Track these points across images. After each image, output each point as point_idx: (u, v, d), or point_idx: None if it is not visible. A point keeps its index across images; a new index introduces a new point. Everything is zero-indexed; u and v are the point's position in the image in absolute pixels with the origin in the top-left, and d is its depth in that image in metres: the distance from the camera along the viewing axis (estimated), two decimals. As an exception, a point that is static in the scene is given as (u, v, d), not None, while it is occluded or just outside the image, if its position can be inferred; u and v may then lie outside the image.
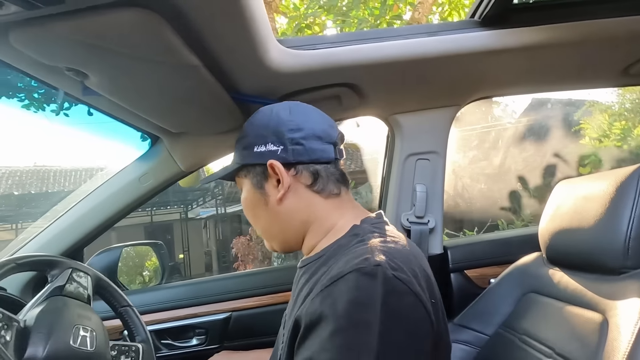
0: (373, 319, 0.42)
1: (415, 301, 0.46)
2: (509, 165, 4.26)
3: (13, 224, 8.18)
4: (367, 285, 0.44)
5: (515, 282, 0.85)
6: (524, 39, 0.84)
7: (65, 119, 1.06)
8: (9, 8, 0.42)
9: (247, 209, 0.67)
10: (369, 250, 0.49)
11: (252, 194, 0.64)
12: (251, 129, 0.64)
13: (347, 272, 0.46)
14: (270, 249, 0.70)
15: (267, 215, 0.64)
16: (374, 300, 0.43)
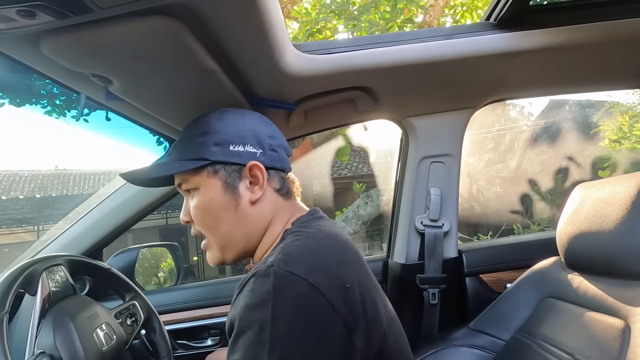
0: (264, 317, 0.45)
1: (312, 291, 0.47)
2: (525, 168, 4.18)
3: (35, 226, 8.43)
4: (259, 286, 0.47)
5: (532, 287, 0.83)
6: (541, 41, 0.83)
7: (85, 124, 1.10)
8: (42, 18, 0.44)
9: (210, 211, 0.61)
10: (274, 252, 0.53)
11: (221, 195, 0.60)
12: (224, 126, 0.62)
13: (248, 279, 0.50)
14: (215, 262, 0.64)
15: (234, 218, 0.61)
16: (265, 299, 0.46)
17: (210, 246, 0.64)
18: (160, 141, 1.15)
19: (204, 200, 0.61)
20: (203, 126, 0.64)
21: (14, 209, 8.33)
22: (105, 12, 0.46)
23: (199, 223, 0.62)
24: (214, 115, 0.65)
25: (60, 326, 0.65)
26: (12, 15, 0.43)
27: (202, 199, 0.61)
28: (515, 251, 1.14)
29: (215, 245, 0.62)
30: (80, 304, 0.74)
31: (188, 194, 0.64)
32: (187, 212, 0.63)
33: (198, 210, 0.61)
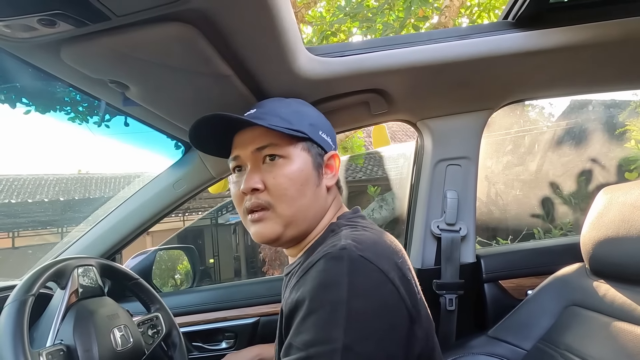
0: (339, 297, 0.45)
1: (382, 277, 0.48)
2: (547, 170, 4.06)
3: (59, 228, 8.73)
4: (332, 266, 0.48)
5: (555, 294, 0.80)
6: (561, 39, 0.80)
7: (106, 129, 1.13)
8: (62, 26, 0.46)
9: (297, 181, 0.60)
10: (337, 238, 0.54)
11: (310, 170, 0.62)
12: (312, 112, 0.68)
13: (317, 260, 0.50)
14: (270, 237, 0.61)
15: (313, 196, 0.61)
16: (339, 280, 0.46)
17: (271, 218, 0.60)
18: (178, 145, 1.17)
19: (294, 169, 0.60)
20: (295, 105, 0.67)
21: (39, 211, 8.65)
22: (122, 20, 0.47)
23: (279, 191, 0.59)
24: (295, 100, 0.68)
25: (81, 320, 0.68)
26: (33, 24, 0.45)
27: (293, 167, 0.60)
28: (536, 257, 1.10)
29: (283, 218, 0.60)
30: (103, 303, 0.76)
31: (268, 161, 0.61)
32: (259, 180, 0.59)
33: (285, 178, 0.59)
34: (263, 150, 0.61)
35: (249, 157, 0.62)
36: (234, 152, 0.64)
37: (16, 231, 8.62)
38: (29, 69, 0.71)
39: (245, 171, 0.62)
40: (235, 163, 0.64)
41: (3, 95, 0.96)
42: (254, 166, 0.61)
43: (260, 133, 0.61)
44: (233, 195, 0.64)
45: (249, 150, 0.62)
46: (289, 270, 0.65)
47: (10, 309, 0.61)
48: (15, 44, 0.51)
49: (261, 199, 0.59)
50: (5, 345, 0.57)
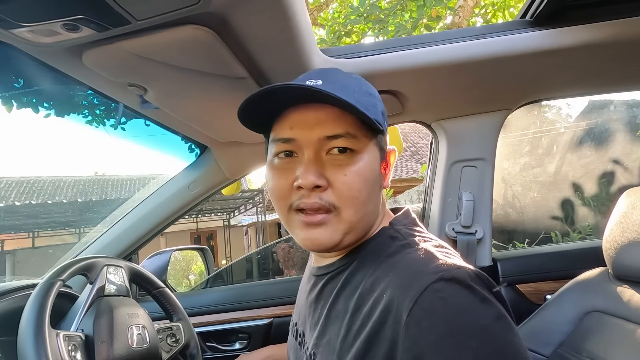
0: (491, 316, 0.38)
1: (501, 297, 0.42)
2: (565, 172, 3.96)
3: (77, 229, 8.95)
4: (458, 292, 0.39)
5: (576, 299, 0.78)
6: (581, 38, 0.78)
7: (122, 132, 1.16)
8: (84, 31, 0.47)
9: (369, 182, 0.49)
10: (433, 256, 0.44)
11: (377, 169, 0.51)
12: (379, 99, 0.54)
13: (423, 290, 0.39)
14: (327, 244, 0.49)
15: (377, 199, 0.52)
16: (477, 303, 0.39)
17: (333, 223, 0.48)
18: (192, 148, 1.19)
19: (368, 168, 0.49)
20: (363, 84, 0.53)
21: (58, 212, 8.89)
22: (142, 24, 0.48)
23: (349, 192, 0.47)
24: (358, 77, 0.55)
25: (101, 313, 0.71)
26: (57, 29, 0.46)
27: (366, 165, 0.49)
28: (555, 260, 1.07)
29: (347, 224, 0.48)
30: (126, 302, 0.79)
31: (336, 152, 0.48)
32: (322, 175, 0.47)
33: (359, 178, 0.48)
34: (335, 140, 0.47)
35: (311, 144, 0.48)
36: (287, 132, 0.49)
37: (36, 231, 8.88)
38: (51, 73, 0.73)
39: (299, 159, 0.49)
40: (286, 146, 0.49)
41: (27, 99, 0.99)
42: (316, 156, 0.48)
43: (332, 116, 0.48)
44: (276, 188, 0.50)
45: (315, 135, 0.47)
46: (324, 271, 0.55)
47: (40, 288, 0.66)
48: (39, 49, 0.53)
49: (324, 199, 0.47)
50: (29, 318, 0.61)
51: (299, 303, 0.66)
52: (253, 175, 28.81)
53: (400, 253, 0.47)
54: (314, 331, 0.53)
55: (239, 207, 11.70)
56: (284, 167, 0.50)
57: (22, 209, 8.54)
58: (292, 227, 0.51)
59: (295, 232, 0.50)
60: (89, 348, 0.67)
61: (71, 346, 0.64)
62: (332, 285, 0.53)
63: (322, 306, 0.54)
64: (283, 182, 0.49)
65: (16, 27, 0.45)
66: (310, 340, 0.55)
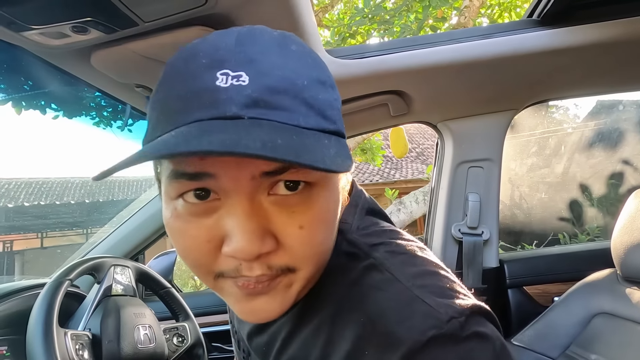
0: None
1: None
2: (573, 173, 3.92)
3: (85, 229, 9.05)
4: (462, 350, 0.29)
5: (584, 301, 0.77)
6: (590, 36, 0.78)
7: (129, 133, 1.17)
8: (92, 33, 0.48)
9: (330, 220, 0.34)
10: (413, 295, 0.32)
11: (337, 192, 0.36)
12: (330, 80, 0.35)
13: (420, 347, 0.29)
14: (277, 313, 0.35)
15: (336, 222, 0.36)
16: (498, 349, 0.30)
17: (283, 288, 0.34)
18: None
19: (331, 203, 0.34)
20: (317, 69, 0.33)
21: (66, 213, 9.00)
22: (149, 26, 0.48)
23: (310, 248, 0.32)
24: (296, 43, 0.34)
25: (109, 313, 0.72)
26: (66, 31, 0.47)
27: (329, 200, 0.33)
28: (563, 262, 1.06)
29: (304, 280, 0.34)
30: (132, 302, 0.79)
31: (285, 192, 0.31)
32: (267, 231, 0.30)
33: (321, 223, 0.33)
34: (279, 174, 0.30)
35: (241, 186, 0.30)
36: (197, 164, 0.29)
37: (45, 232, 8.99)
38: (60, 75, 0.74)
39: (223, 203, 0.31)
40: (197, 184, 0.30)
41: (36, 101, 1.00)
42: (252, 203, 0.30)
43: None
44: (188, 250, 0.32)
45: (249, 170, 0.29)
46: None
47: (49, 287, 0.67)
48: (49, 51, 0.54)
49: (275, 266, 0.32)
50: (37, 317, 0.62)
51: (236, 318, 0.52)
52: (258, 176, 28.82)
53: (365, 282, 0.35)
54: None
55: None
56: (197, 217, 0.31)
57: (31, 210, 8.66)
58: (222, 294, 0.35)
59: (228, 301, 0.36)
60: (96, 347, 0.68)
61: (79, 345, 0.64)
62: (278, 323, 0.41)
63: (266, 344, 0.42)
64: (201, 245, 0.31)
65: (26, 30, 0.46)
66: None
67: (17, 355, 0.73)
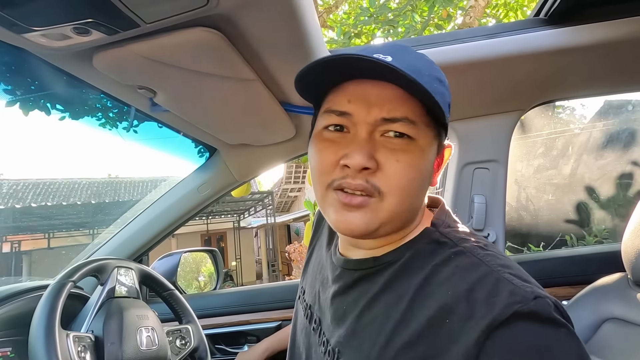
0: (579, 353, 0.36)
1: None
2: (581, 174, 3.87)
3: (90, 230, 9.13)
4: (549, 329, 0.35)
5: (593, 306, 0.75)
6: (598, 35, 0.76)
7: (134, 135, 1.17)
8: (94, 34, 0.47)
9: (422, 175, 0.45)
10: (501, 277, 0.39)
11: (431, 162, 0.47)
12: (448, 88, 0.49)
13: (506, 318, 0.35)
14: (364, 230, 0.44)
15: (424, 192, 0.48)
16: (563, 345, 0.35)
17: (373, 209, 0.44)
18: (201, 151, 1.19)
19: (422, 159, 0.45)
20: (437, 70, 0.48)
21: (73, 214, 9.08)
22: (150, 27, 0.48)
23: (398, 180, 0.43)
24: (430, 60, 0.49)
25: (111, 315, 0.72)
26: (68, 33, 0.47)
27: (422, 157, 0.45)
28: (571, 265, 1.04)
29: (388, 213, 0.44)
30: (135, 304, 0.79)
31: (391, 136, 0.44)
32: (373, 157, 0.43)
33: (411, 167, 0.44)
34: (393, 123, 0.43)
35: (366, 123, 0.44)
36: (344, 105, 0.45)
37: (52, 232, 9.08)
38: (63, 77, 0.74)
39: (352, 136, 0.45)
40: (339, 120, 0.45)
41: (39, 102, 1.01)
42: (369, 136, 0.44)
43: (394, 96, 0.43)
44: (320, 162, 0.46)
45: (373, 114, 0.43)
46: (356, 266, 0.51)
47: (52, 289, 0.67)
48: (51, 53, 0.54)
49: (370, 183, 0.43)
50: (40, 319, 0.62)
51: (317, 288, 0.60)
52: (262, 177, 28.12)
53: (453, 263, 0.43)
54: (339, 328, 0.50)
55: (248, 209, 11.77)
56: (333, 141, 0.46)
57: (38, 211, 8.75)
58: (326, 206, 0.47)
59: (328, 212, 0.46)
60: (98, 349, 0.68)
61: (81, 347, 0.64)
62: (366, 285, 0.49)
63: (350, 303, 0.50)
64: (329, 156, 0.45)
65: (28, 32, 0.46)
66: (332, 335, 0.51)
67: (22, 356, 0.73)
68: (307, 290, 0.64)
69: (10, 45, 0.50)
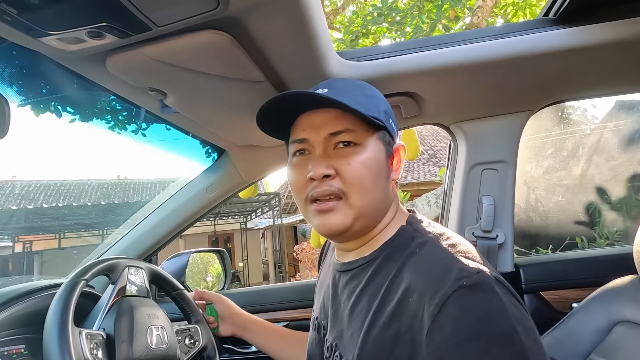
0: (509, 326, 0.41)
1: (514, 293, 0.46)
2: (592, 175, 3.81)
3: (100, 230, 9.25)
4: (481, 298, 0.43)
5: (605, 309, 0.74)
6: (608, 35, 0.75)
7: (143, 137, 1.19)
8: (108, 38, 0.49)
9: (372, 171, 0.55)
10: (453, 258, 0.47)
11: (382, 161, 0.57)
12: (383, 98, 0.61)
13: (450, 294, 0.43)
14: (339, 228, 0.55)
15: (383, 189, 0.57)
16: (498, 310, 0.42)
17: (342, 209, 0.54)
18: (209, 152, 1.21)
19: (370, 157, 0.55)
20: (367, 88, 0.60)
21: (83, 214, 9.21)
22: (162, 30, 0.49)
23: (354, 179, 0.54)
24: (363, 83, 0.62)
25: (122, 313, 0.73)
26: (82, 36, 0.48)
27: (367, 156, 0.55)
28: (582, 267, 1.03)
29: (355, 209, 0.54)
30: (146, 303, 0.80)
31: (341, 146, 0.55)
32: (330, 165, 0.54)
33: (361, 166, 0.54)
34: (338, 135, 0.55)
35: (319, 142, 0.56)
36: (300, 133, 0.57)
37: (62, 233, 9.22)
38: (74, 79, 0.75)
39: (312, 156, 0.57)
40: (300, 146, 0.58)
41: (50, 104, 1.03)
42: (324, 151, 0.56)
43: (334, 116, 0.55)
44: (294, 182, 0.58)
45: (322, 134, 0.55)
46: (351, 267, 0.59)
47: (65, 287, 0.69)
48: (65, 56, 0.55)
49: (333, 186, 0.54)
50: (54, 316, 0.63)
51: (320, 298, 0.70)
52: (270, 178, 28.16)
53: (419, 252, 0.51)
54: (337, 324, 0.59)
55: (255, 210, 11.81)
56: (300, 164, 0.58)
57: (50, 211, 8.89)
58: (308, 216, 0.57)
59: (312, 221, 0.57)
60: (110, 347, 0.69)
61: (93, 344, 0.65)
62: (355, 282, 0.57)
63: (345, 301, 0.58)
64: (300, 175, 0.57)
65: (44, 36, 0.47)
66: (331, 332, 0.60)
67: (35, 353, 0.74)
68: (315, 307, 0.73)
69: (23, 48, 0.52)
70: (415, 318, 0.45)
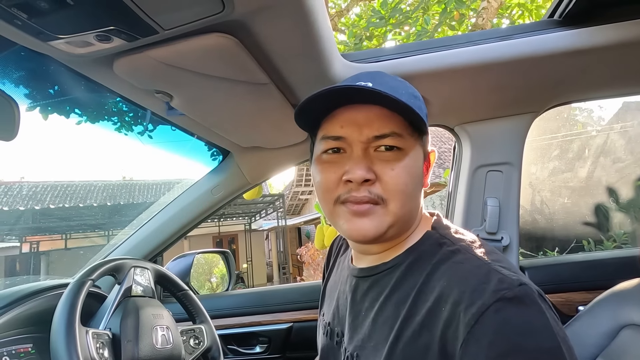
0: (552, 342, 0.39)
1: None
2: (598, 177, 3.77)
3: (106, 231, 9.32)
4: (523, 312, 0.40)
5: (611, 312, 0.74)
6: (614, 36, 0.75)
7: (149, 138, 1.20)
8: (115, 41, 0.49)
9: (414, 178, 0.52)
10: (491, 268, 0.44)
11: (420, 167, 0.54)
12: (422, 100, 0.57)
13: (493, 302, 0.40)
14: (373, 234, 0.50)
15: (419, 196, 0.54)
16: (540, 324, 0.39)
17: (379, 215, 0.50)
18: (214, 154, 1.21)
19: (413, 164, 0.51)
20: (411, 87, 0.56)
21: (89, 215, 9.28)
22: (168, 33, 0.50)
23: (397, 186, 0.50)
24: (403, 80, 0.58)
25: (128, 313, 0.74)
26: (90, 40, 0.49)
27: (411, 162, 0.51)
28: (588, 270, 1.02)
29: (392, 216, 0.50)
30: (151, 303, 0.81)
31: (382, 150, 0.51)
32: (371, 169, 0.50)
33: (405, 173, 0.50)
34: (383, 139, 0.50)
35: (360, 142, 0.51)
36: (338, 130, 0.52)
37: (69, 233, 9.30)
38: (83, 82, 0.76)
39: (348, 155, 0.52)
40: (335, 144, 0.52)
41: (61, 107, 1.04)
42: (364, 153, 0.51)
43: (379, 115, 0.50)
44: (324, 180, 0.52)
45: (365, 134, 0.50)
46: (367, 273, 0.56)
47: (72, 287, 0.70)
48: (73, 59, 0.56)
49: (373, 192, 0.49)
50: (61, 316, 0.64)
51: (333, 303, 0.65)
52: (274, 180, 28.38)
53: (450, 260, 0.48)
54: (357, 333, 0.55)
55: (260, 212, 11.83)
56: (333, 162, 0.53)
57: (56, 212, 8.97)
58: (336, 218, 0.53)
59: (340, 224, 0.52)
60: (115, 346, 0.69)
61: (99, 344, 0.66)
62: (378, 289, 0.54)
63: (367, 308, 0.55)
64: (332, 175, 0.52)
65: (53, 39, 0.48)
66: (351, 342, 0.55)
67: (42, 352, 0.75)
68: (325, 312, 0.69)
69: (32, 52, 0.53)
70: (449, 328, 0.42)
